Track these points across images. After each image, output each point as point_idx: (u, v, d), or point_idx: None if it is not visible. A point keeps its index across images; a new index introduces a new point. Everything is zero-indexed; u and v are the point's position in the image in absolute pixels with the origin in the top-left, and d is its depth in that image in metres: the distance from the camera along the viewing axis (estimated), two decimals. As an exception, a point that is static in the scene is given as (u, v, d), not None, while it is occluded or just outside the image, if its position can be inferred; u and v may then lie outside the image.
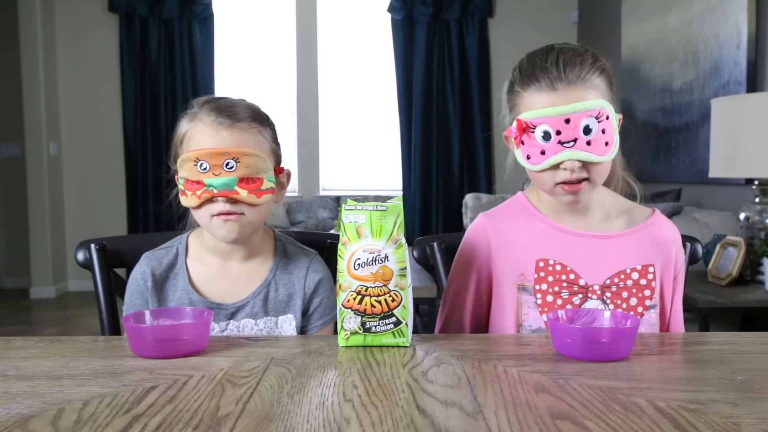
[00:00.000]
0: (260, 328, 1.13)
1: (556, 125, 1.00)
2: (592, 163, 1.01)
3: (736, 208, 2.63)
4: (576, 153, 0.99)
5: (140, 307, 1.13)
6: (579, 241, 1.10)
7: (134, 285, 1.15)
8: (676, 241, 1.14)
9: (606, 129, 1.00)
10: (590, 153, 0.99)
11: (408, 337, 0.93)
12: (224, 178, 1.05)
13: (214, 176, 1.05)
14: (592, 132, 0.99)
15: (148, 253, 1.17)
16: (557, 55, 1.02)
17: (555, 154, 1.00)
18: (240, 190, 1.06)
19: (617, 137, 1.02)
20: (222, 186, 1.05)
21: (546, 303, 1.09)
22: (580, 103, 0.99)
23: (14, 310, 4.62)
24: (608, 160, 1.01)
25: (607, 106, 1.00)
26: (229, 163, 1.05)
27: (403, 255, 0.92)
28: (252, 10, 5.38)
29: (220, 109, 1.09)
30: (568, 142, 0.99)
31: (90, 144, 5.27)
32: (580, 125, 0.99)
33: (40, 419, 0.65)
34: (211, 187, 1.05)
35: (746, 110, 2.31)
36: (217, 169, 1.05)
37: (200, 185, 1.05)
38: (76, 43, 5.20)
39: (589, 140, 0.99)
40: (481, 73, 5.27)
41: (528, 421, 0.63)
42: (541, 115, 1.01)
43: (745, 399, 0.70)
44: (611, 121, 1.01)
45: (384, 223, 0.92)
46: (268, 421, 0.64)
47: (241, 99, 1.14)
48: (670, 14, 3.79)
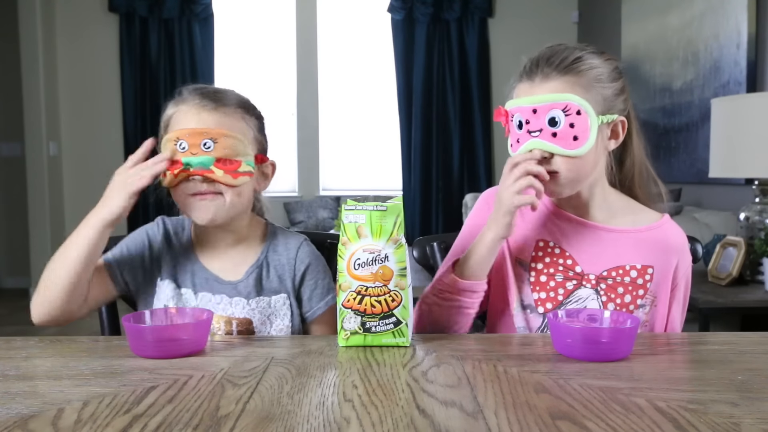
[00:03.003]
0: (252, 307, 1.13)
1: (525, 114, 1.03)
2: (563, 158, 1.02)
3: (736, 208, 2.63)
4: (539, 142, 1.02)
5: (128, 254, 1.16)
6: (581, 229, 1.12)
7: (139, 236, 1.18)
8: (681, 250, 1.13)
9: (575, 124, 1.00)
10: (554, 144, 1.01)
11: (408, 337, 0.93)
12: (201, 157, 1.06)
13: (191, 155, 1.06)
14: (558, 124, 1.01)
15: (165, 217, 1.22)
16: (546, 50, 1.05)
17: (524, 143, 1.03)
18: (216, 170, 1.06)
19: (592, 135, 1.01)
20: (198, 164, 1.06)
21: (539, 282, 1.11)
22: (547, 95, 1.02)
23: (14, 310, 4.62)
24: (575, 154, 1.01)
25: (578, 101, 1.00)
26: (207, 143, 1.06)
27: (403, 255, 0.92)
28: (252, 10, 5.38)
29: (205, 93, 1.10)
30: (535, 132, 1.02)
31: (90, 144, 5.26)
32: (545, 116, 1.01)
33: (40, 419, 0.65)
34: (188, 165, 1.06)
35: (746, 110, 2.30)
36: (195, 148, 1.06)
37: (178, 164, 1.06)
38: (76, 43, 5.20)
39: (555, 132, 1.01)
40: (481, 73, 5.27)
41: (528, 421, 0.63)
42: (515, 105, 1.05)
43: (745, 399, 0.70)
44: (584, 118, 1.00)
45: (384, 223, 0.92)
46: (268, 421, 0.64)
47: (232, 90, 1.15)
48: (670, 14, 3.79)
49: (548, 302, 1.10)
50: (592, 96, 1.03)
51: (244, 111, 1.12)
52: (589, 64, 1.04)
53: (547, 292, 1.10)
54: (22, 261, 5.15)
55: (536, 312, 1.10)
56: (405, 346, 0.93)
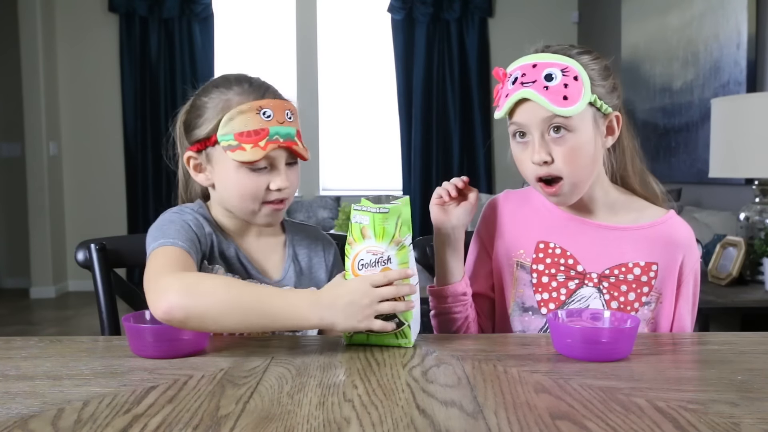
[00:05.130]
0: None
1: (524, 69, 1.04)
2: (563, 158, 1.02)
3: (736, 208, 2.63)
4: (529, 92, 1.01)
5: (190, 240, 1.01)
6: (582, 228, 1.12)
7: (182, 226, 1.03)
8: (687, 245, 1.12)
9: (569, 85, 1.01)
10: (543, 97, 1.00)
11: (411, 339, 0.93)
12: (288, 127, 1.03)
13: (279, 124, 1.02)
14: (553, 80, 1.01)
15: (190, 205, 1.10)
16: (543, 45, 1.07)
17: (514, 93, 1.03)
18: (299, 142, 1.05)
19: (582, 103, 1.01)
20: (287, 135, 1.03)
21: (541, 283, 1.11)
22: (548, 54, 1.03)
23: (14, 310, 4.62)
24: (560, 113, 1.00)
25: (578, 68, 1.01)
26: (289, 114, 1.04)
27: (405, 256, 0.92)
28: (252, 10, 5.37)
29: (255, 82, 1.07)
30: (528, 83, 1.02)
31: (90, 144, 5.26)
32: (543, 71, 1.02)
33: (40, 419, 0.65)
34: (277, 135, 1.01)
35: (746, 110, 2.30)
36: (281, 117, 1.03)
37: (263, 135, 1.00)
38: (76, 43, 5.20)
39: (547, 86, 1.01)
40: (481, 73, 5.26)
41: (528, 421, 0.63)
42: (516, 64, 1.06)
43: (745, 399, 0.70)
44: (579, 85, 1.01)
45: (386, 226, 0.91)
46: (268, 421, 0.64)
47: None
48: (670, 14, 3.79)
49: (551, 302, 1.10)
50: (598, 87, 1.04)
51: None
52: (592, 57, 1.05)
53: (550, 292, 1.10)
54: (22, 261, 5.15)
55: (539, 313, 1.10)
56: (407, 347, 0.93)
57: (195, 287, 0.89)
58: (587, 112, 1.03)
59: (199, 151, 1.07)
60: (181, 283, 0.89)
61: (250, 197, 1.04)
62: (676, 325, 1.12)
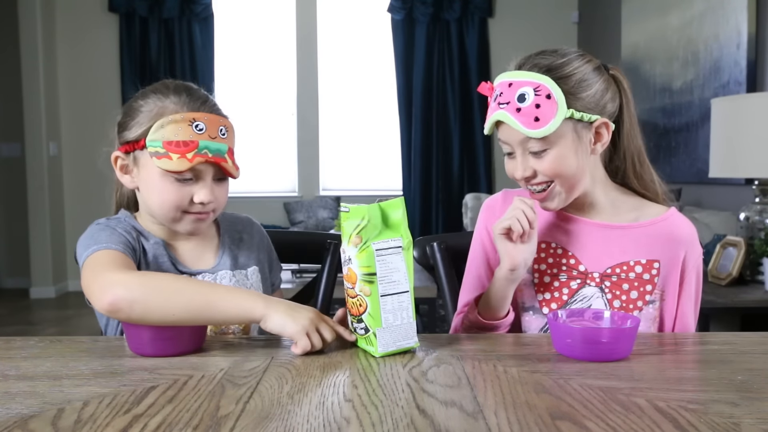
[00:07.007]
0: (237, 279, 1.13)
1: (501, 88, 1.05)
2: (541, 168, 1.04)
3: (736, 208, 2.63)
4: (503, 114, 1.04)
5: (124, 243, 1.03)
6: (583, 228, 1.12)
7: (114, 234, 1.04)
8: (688, 242, 1.11)
9: (542, 105, 1.01)
10: (515, 119, 1.02)
11: (377, 348, 0.88)
12: (219, 143, 1.03)
13: (210, 139, 1.02)
14: (525, 101, 1.02)
15: (123, 215, 1.12)
16: (535, 52, 1.08)
17: (492, 114, 1.06)
18: (228, 159, 1.04)
19: (554, 123, 1.01)
20: (216, 151, 1.02)
21: (543, 283, 1.12)
22: (523, 72, 1.04)
23: (14, 310, 4.62)
24: (531, 135, 1.01)
25: (551, 86, 1.01)
26: (223, 130, 1.04)
27: (367, 260, 0.87)
28: (252, 10, 5.37)
29: (192, 92, 1.07)
30: (504, 103, 1.04)
31: (90, 144, 5.25)
32: (516, 91, 1.03)
33: (40, 419, 0.65)
34: (206, 150, 1.01)
35: (746, 110, 2.30)
36: (214, 132, 1.03)
37: (191, 147, 1.00)
38: (76, 43, 5.20)
39: (520, 108, 1.02)
40: (481, 73, 5.26)
41: (528, 421, 0.63)
42: (499, 79, 1.08)
43: (745, 399, 0.70)
44: (552, 104, 1.01)
45: (345, 225, 0.91)
46: (268, 421, 0.64)
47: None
48: (670, 14, 3.79)
49: (553, 302, 1.10)
50: (578, 99, 1.03)
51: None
52: (573, 67, 1.04)
53: (552, 292, 1.10)
54: (22, 261, 5.15)
55: (540, 313, 1.11)
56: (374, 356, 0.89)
57: (139, 278, 0.92)
58: (566, 126, 1.03)
59: (128, 153, 1.08)
60: (125, 276, 0.92)
61: (171, 206, 1.05)
62: (680, 323, 1.11)
